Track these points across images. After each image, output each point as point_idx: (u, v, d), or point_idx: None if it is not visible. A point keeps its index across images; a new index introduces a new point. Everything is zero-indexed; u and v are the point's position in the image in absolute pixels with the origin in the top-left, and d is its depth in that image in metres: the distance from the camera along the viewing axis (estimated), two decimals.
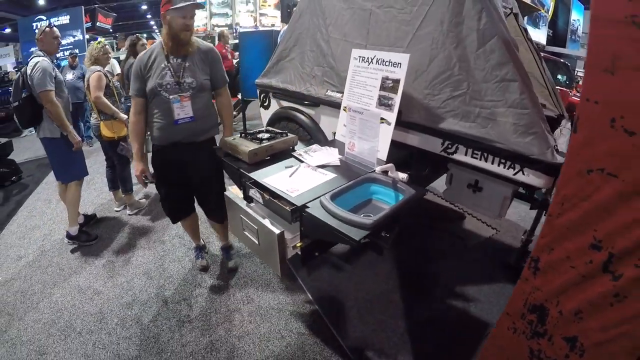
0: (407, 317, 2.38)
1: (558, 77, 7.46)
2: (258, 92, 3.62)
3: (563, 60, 8.33)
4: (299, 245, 1.83)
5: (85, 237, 3.35)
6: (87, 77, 3.38)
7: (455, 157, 2.22)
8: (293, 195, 1.78)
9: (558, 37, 13.12)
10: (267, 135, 2.37)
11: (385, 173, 1.97)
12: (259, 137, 2.34)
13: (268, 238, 1.87)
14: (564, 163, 1.14)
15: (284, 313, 2.41)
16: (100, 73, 3.35)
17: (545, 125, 1.91)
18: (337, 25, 2.70)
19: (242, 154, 2.20)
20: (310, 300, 2.52)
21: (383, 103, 2.17)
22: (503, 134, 1.97)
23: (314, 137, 2.97)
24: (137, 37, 3.85)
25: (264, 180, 1.95)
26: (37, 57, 2.91)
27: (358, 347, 2.16)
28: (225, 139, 2.33)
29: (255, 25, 13.70)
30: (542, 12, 11.43)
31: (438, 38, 2.11)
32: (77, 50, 8.62)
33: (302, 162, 2.18)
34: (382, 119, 2.11)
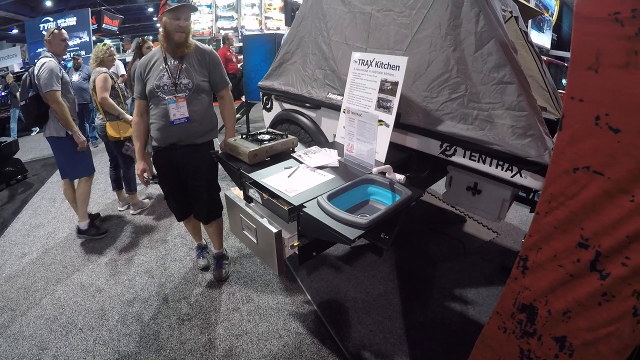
0: (405, 318, 2.39)
1: (563, 81, 7.43)
2: (261, 94, 3.65)
3: (567, 65, 8.30)
4: (297, 245, 1.85)
5: (95, 230, 3.45)
6: (92, 78, 3.43)
7: (454, 159, 2.23)
8: (291, 195, 1.80)
9: (563, 41, 13.09)
10: (267, 137, 2.40)
11: (383, 174, 1.99)
12: (260, 138, 2.37)
13: (266, 237, 1.90)
14: (551, 161, 1.15)
15: (283, 313, 2.43)
16: (106, 74, 3.40)
17: (544, 128, 1.92)
18: (338, 29, 2.72)
19: (242, 155, 2.23)
20: (309, 301, 2.54)
21: (382, 105, 2.19)
22: (501, 136, 1.98)
23: (315, 139, 3.00)
24: (142, 39, 3.89)
25: (263, 181, 1.97)
26: (44, 57, 2.96)
27: (355, 347, 2.17)
28: (227, 141, 2.37)
29: (261, 29, 13.79)
30: (546, 15, 11.42)
31: (436, 41, 2.13)
32: (83, 52, 8.71)
33: (301, 163, 2.20)
34: (380, 121, 2.13)
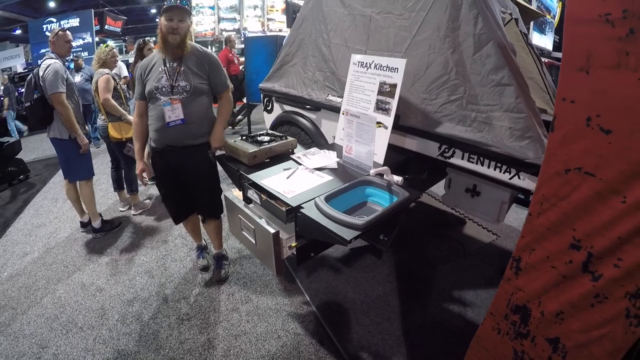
0: (403, 320, 2.39)
1: None
2: (262, 96, 3.67)
3: None
4: (294, 246, 1.86)
5: (109, 226, 3.56)
6: (95, 79, 3.45)
7: (452, 161, 2.24)
8: (289, 196, 1.81)
9: None
10: (267, 138, 2.42)
11: (381, 176, 2.00)
12: (259, 139, 2.39)
13: (264, 238, 1.91)
14: (542, 162, 1.15)
15: (282, 313, 2.44)
16: (109, 76, 3.43)
17: (542, 130, 1.92)
18: (338, 31, 2.74)
19: (242, 156, 2.25)
20: (308, 302, 2.54)
21: (380, 107, 2.20)
22: (499, 138, 1.98)
23: (315, 140, 3.01)
24: (143, 41, 3.91)
25: (262, 182, 1.99)
26: (49, 59, 2.98)
27: (354, 348, 2.18)
28: (226, 141, 2.38)
29: (263, 30, 13.82)
30: (548, 17, 11.39)
31: (435, 43, 2.14)
32: (85, 53, 8.77)
33: (300, 164, 2.21)
34: (379, 123, 2.14)
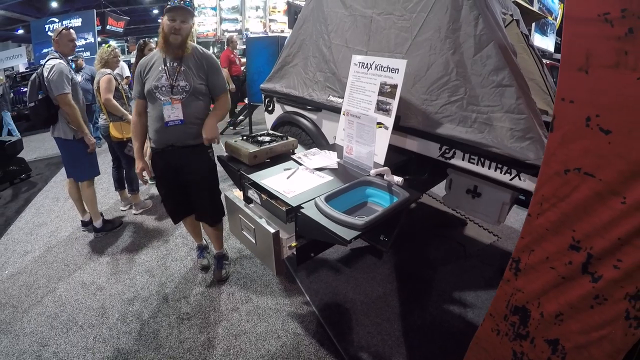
0: (403, 320, 2.39)
1: None
2: (263, 96, 3.67)
3: None
4: (294, 245, 1.86)
5: (111, 225, 3.56)
6: (97, 79, 3.46)
7: (453, 162, 2.24)
8: (289, 196, 1.82)
9: None
10: (267, 139, 2.42)
11: (382, 176, 2.00)
12: (260, 140, 2.39)
13: (264, 237, 1.91)
14: (542, 163, 1.15)
15: (282, 313, 2.44)
16: (110, 76, 3.43)
17: (543, 131, 1.92)
18: (339, 32, 2.74)
19: (242, 156, 2.25)
20: (308, 302, 2.54)
21: (381, 108, 2.20)
22: (500, 139, 1.98)
23: (316, 141, 3.01)
24: (144, 41, 3.92)
25: (262, 182, 1.99)
26: (53, 59, 2.95)
27: (353, 349, 2.18)
28: (227, 141, 2.39)
29: (265, 31, 13.85)
30: (549, 19, 11.38)
31: (436, 44, 2.14)
32: (87, 53, 8.79)
33: (300, 164, 2.22)
34: (379, 124, 2.14)
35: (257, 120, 7.02)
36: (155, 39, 2.87)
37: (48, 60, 2.94)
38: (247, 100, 6.55)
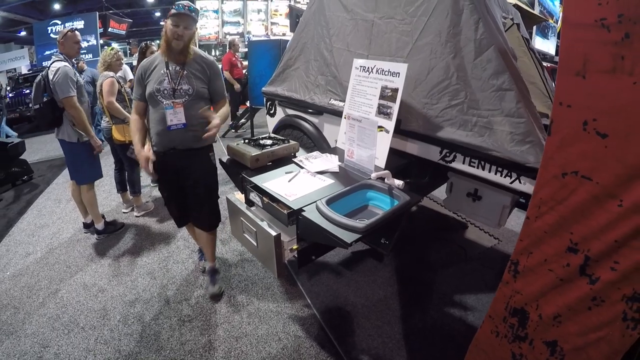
0: (404, 323, 2.39)
1: None
2: (265, 100, 3.69)
3: None
4: (296, 248, 1.87)
5: (112, 227, 3.58)
6: (99, 82, 3.48)
7: (453, 165, 2.25)
8: (290, 199, 1.83)
9: None
10: (269, 142, 2.44)
11: (382, 180, 2.01)
12: (262, 143, 2.41)
13: (266, 240, 1.92)
14: (540, 166, 1.16)
15: (283, 316, 2.45)
16: (113, 79, 3.46)
17: (543, 134, 1.93)
18: (340, 36, 2.76)
19: (244, 159, 2.27)
20: (309, 305, 2.55)
21: (382, 111, 2.22)
22: (500, 143, 1.99)
23: (318, 144, 3.03)
24: (146, 44, 3.94)
25: (264, 185, 2.01)
26: (58, 61, 2.96)
27: (354, 352, 2.18)
28: (229, 144, 2.40)
29: (267, 34, 13.90)
30: (550, 22, 11.41)
31: (436, 48, 2.16)
32: (90, 55, 8.81)
33: (302, 168, 2.23)
34: (380, 127, 2.15)
35: (258, 124, 7.04)
36: (158, 42, 2.88)
37: (53, 63, 2.94)
38: (248, 104, 6.58)
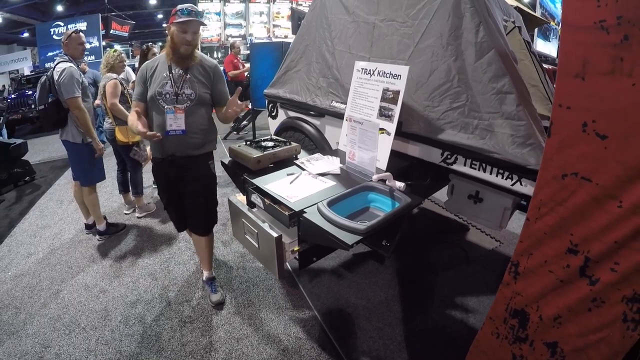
0: (405, 325, 2.39)
1: None
2: (266, 102, 3.70)
3: None
4: (297, 250, 1.88)
5: (114, 229, 3.59)
6: (103, 84, 3.50)
7: (455, 167, 2.26)
8: (292, 201, 1.84)
9: None
10: (271, 144, 2.44)
11: (384, 182, 2.02)
12: (263, 145, 2.41)
13: (267, 242, 1.93)
14: (540, 168, 1.16)
15: (284, 317, 2.45)
16: (116, 81, 3.47)
17: (543, 137, 1.94)
18: (342, 38, 2.77)
19: (246, 161, 2.27)
20: (310, 306, 2.55)
21: (383, 114, 2.23)
22: (501, 145, 2.00)
23: (319, 146, 3.03)
24: (147, 46, 3.96)
25: (266, 187, 2.01)
26: (63, 62, 2.96)
27: (355, 353, 2.18)
28: (231, 146, 2.40)
29: (269, 36, 13.96)
30: (552, 24, 11.43)
31: (438, 51, 2.17)
32: (92, 57, 8.84)
33: (303, 170, 2.24)
34: (382, 129, 2.16)
35: (260, 126, 7.06)
36: (160, 44, 2.88)
37: (58, 64, 2.95)
38: (250, 106, 6.59)
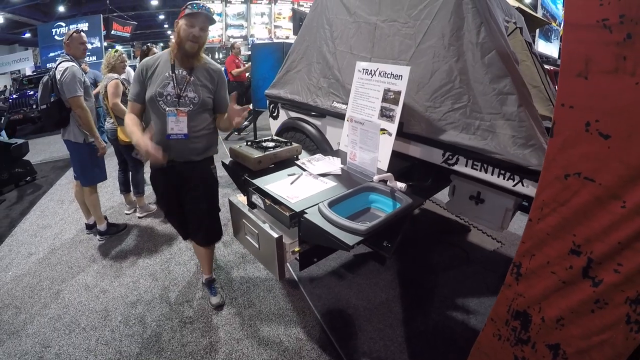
0: (406, 326, 2.39)
1: None
2: (267, 102, 3.70)
3: None
4: (298, 251, 1.87)
5: (115, 229, 3.59)
6: (104, 84, 3.51)
7: (456, 168, 2.25)
8: (293, 202, 1.83)
9: None
10: (272, 144, 2.44)
11: (385, 182, 2.01)
12: (264, 145, 2.41)
13: (267, 242, 1.92)
14: (542, 168, 1.15)
15: (284, 318, 2.44)
16: (118, 81, 3.48)
17: (544, 138, 1.93)
18: (343, 38, 2.77)
19: (247, 161, 2.27)
20: (311, 307, 2.54)
21: (385, 114, 2.22)
22: (502, 146, 1.99)
23: (320, 147, 3.03)
24: (147, 47, 3.95)
25: (266, 187, 2.00)
26: (65, 61, 2.96)
27: (355, 354, 2.17)
28: (232, 147, 2.40)
29: (270, 37, 13.99)
30: (553, 25, 11.42)
31: (439, 51, 2.17)
32: (94, 58, 8.86)
33: (304, 170, 2.23)
34: (383, 130, 2.15)
35: (261, 126, 7.07)
36: (161, 44, 2.87)
37: (60, 63, 2.95)
38: (252, 106, 6.60)
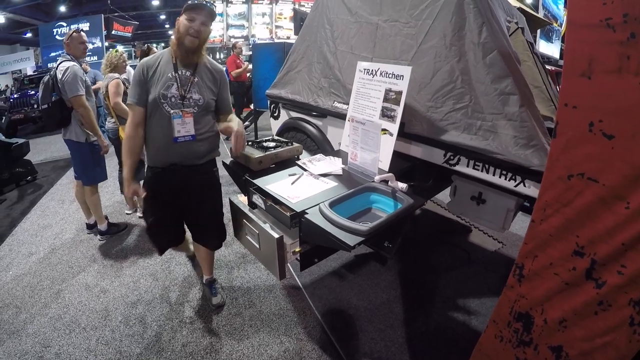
0: (407, 327, 2.38)
1: None
2: (268, 102, 3.70)
3: None
4: (298, 251, 1.87)
5: (115, 229, 3.58)
6: (105, 83, 3.51)
7: (458, 168, 2.24)
8: (293, 202, 1.82)
9: None
10: (273, 144, 2.43)
11: (386, 182, 2.00)
12: (265, 145, 2.41)
13: (268, 242, 1.91)
14: (545, 168, 1.14)
15: (285, 319, 2.44)
16: (119, 80, 3.48)
17: (546, 138, 1.93)
18: (344, 38, 2.77)
19: (248, 161, 2.26)
20: (311, 308, 2.54)
21: (386, 114, 2.22)
22: (504, 146, 1.98)
23: (321, 147, 3.02)
24: (147, 47, 3.95)
25: (267, 187, 2.00)
26: (66, 61, 2.96)
27: (356, 355, 2.17)
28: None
29: (271, 37, 14.00)
30: (554, 25, 11.42)
31: (441, 52, 2.16)
32: (95, 57, 8.87)
33: (305, 170, 2.23)
34: (384, 130, 2.15)
35: (262, 126, 7.06)
36: (162, 44, 2.87)
37: (61, 63, 2.95)
38: (252, 106, 6.60)
